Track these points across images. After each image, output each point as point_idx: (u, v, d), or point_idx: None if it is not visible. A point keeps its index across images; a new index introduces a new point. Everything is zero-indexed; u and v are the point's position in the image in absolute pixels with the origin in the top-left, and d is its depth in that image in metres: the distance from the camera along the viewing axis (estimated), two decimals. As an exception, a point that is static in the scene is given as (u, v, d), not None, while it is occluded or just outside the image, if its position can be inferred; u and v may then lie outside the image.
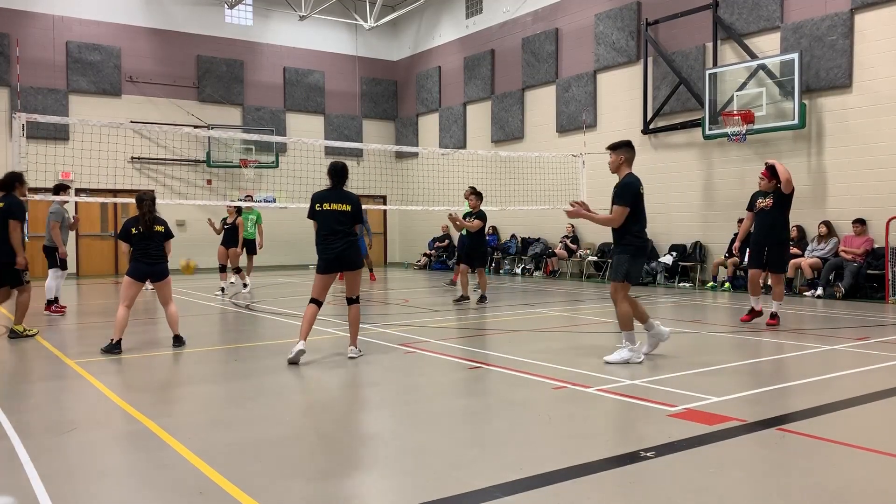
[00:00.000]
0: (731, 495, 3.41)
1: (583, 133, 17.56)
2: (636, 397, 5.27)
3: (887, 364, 6.47)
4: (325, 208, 7.01)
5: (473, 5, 21.66)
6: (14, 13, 18.79)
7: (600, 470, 3.76)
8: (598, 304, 11.96)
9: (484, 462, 3.94)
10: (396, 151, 23.70)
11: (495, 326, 9.01)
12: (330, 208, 7.00)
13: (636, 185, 6.74)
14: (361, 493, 3.55)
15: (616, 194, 6.79)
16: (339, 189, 7.15)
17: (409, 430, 4.61)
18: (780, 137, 13.88)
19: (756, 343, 7.96)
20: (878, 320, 9.69)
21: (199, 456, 4.00)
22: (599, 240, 17.46)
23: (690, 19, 15.39)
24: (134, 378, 6.44)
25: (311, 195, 7.23)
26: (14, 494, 3.46)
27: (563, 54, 18.64)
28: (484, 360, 6.80)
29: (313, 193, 7.25)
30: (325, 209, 7.01)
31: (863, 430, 4.49)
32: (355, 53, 24.17)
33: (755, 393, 5.45)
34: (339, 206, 7.01)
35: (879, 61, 12.65)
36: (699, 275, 15.16)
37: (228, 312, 11.31)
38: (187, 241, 20.66)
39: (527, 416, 4.91)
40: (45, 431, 4.58)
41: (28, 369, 6.85)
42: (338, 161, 7.38)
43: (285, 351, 7.80)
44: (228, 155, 21.35)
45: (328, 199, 7.05)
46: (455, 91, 22.29)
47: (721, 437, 4.29)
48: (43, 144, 17.42)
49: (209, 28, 21.64)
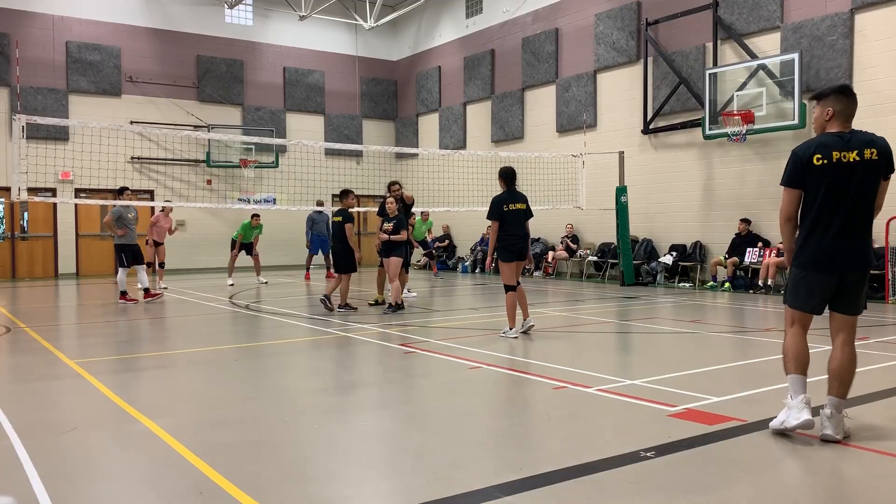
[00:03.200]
0: (731, 495, 3.41)
1: (583, 133, 17.55)
2: (636, 397, 5.27)
3: (887, 364, 6.48)
4: (511, 208, 8.29)
5: (473, 5, 21.66)
6: (14, 13, 18.78)
7: (600, 470, 3.76)
8: (598, 304, 11.97)
9: (484, 462, 3.94)
10: (396, 152, 23.68)
11: (495, 326, 9.01)
12: (514, 208, 8.31)
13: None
14: (361, 493, 3.55)
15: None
16: (514, 190, 8.48)
17: (409, 430, 4.61)
18: (781, 137, 13.87)
19: (756, 343, 7.96)
20: (878, 320, 9.69)
21: (199, 456, 4.00)
22: (599, 240, 17.46)
23: (690, 19, 15.38)
24: (134, 378, 6.44)
25: (493, 199, 8.42)
26: (14, 494, 3.45)
27: (563, 54, 18.64)
28: (484, 360, 6.79)
29: (495, 197, 8.43)
30: (511, 209, 8.30)
31: (863, 430, 4.48)
32: (355, 53, 24.17)
33: (755, 393, 5.45)
34: (520, 205, 8.37)
35: (879, 61, 12.65)
36: (699, 275, 15.16)
37: (228, 312, 11.30)
38: (187, 241, 20.71)
39: (527, 416, 4.91)
40: (45, 431, 4.58)
41: (28, 369, 6.84)
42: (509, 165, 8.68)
43: (285, 351, 7.81)
44: (228, 155, 21.34)
45: (511, 201, 8.34)
46: (455, 91, 22.29)
47: (721, 437, 4.28)
48: (43, 145, 17.42)
49: (209, 28, 21.64)
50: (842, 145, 4.20)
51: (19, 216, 19.11)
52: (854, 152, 4.17)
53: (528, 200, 8.53)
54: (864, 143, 4.20)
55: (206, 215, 21.14)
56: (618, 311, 11.16)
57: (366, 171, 22.85)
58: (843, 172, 4.17)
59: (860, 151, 4.17)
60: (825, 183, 4.19)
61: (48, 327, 9.80)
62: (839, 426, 4.19)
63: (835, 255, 4.23)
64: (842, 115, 4.29)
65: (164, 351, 7.64)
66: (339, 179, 20.89)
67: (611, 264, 16.78)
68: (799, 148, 4.33)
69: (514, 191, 8.46)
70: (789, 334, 4.41)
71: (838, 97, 4.30)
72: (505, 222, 8.30)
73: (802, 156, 4.26)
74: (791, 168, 4.31)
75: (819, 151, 4.21)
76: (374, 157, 23.92)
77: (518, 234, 8.33)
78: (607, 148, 16.85)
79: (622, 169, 15.70)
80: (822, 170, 4.19)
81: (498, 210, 8.30)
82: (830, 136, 4.26)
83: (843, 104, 4.29)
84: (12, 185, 10.98)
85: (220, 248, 19.80)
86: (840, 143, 4.21)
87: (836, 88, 4.36)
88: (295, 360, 7.38)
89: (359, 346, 7.95)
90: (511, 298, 8.29)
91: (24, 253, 19.27)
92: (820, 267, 4.26)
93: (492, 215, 8.37)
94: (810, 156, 4.23)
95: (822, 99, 4.37)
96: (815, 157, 4.21)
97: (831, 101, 4.31)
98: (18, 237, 19.14)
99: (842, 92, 4.32)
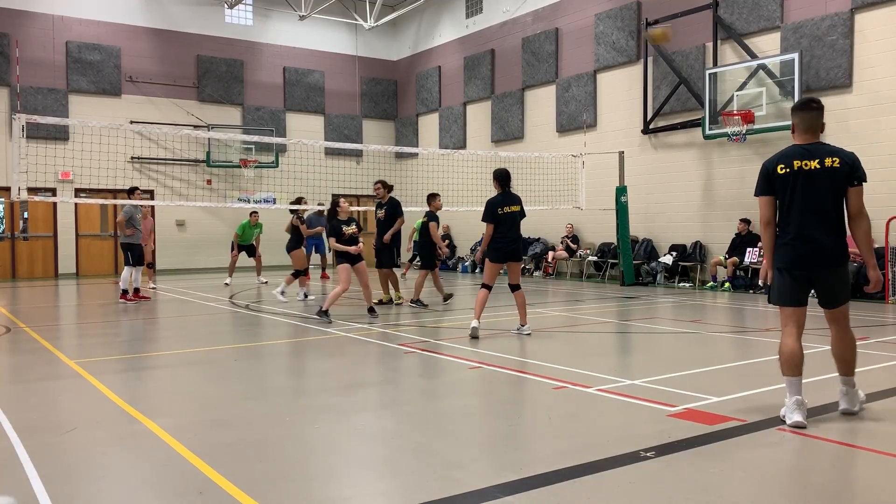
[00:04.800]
0: (731, 495, 3.41)
1: (583, 133, 17.55)
2: (636, 397, 5.27)
3: (887, 364, 6.48)
4: (505, 211, 8.32)
5: (473, 5, 21.66)
6: (14, 13, 18.78)
7: (600, 470, 3.76)
8: (598, 304, 11.97)
9: (484, 462, 3.94)
10: (396, 152, 23.68)
11: (495, 327, 9.02)
12: (509, 211, 8.34)
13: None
14: (361, 493, 3.55)
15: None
16: (509, 192, 8.48)
17: (409, 430, 4.61)
18: (781, 137, 13.85)
19: (756, 343, 7.96)
20: (878, 320, 9.69)
21: (199, 456, 4.00)
22: (599, 240, 17.46)
23: (690, 19, 15.38)
24: (134, 378, 6.44)
25: (487, 201, 8.44)
26: (14, 494, 3.45)
27: (563, 54, 18.64)
28: (484, 360, 6.79)
29: (489, 199, 8.45)
30: (505, 212, 8.32)
31: (863, 430, 4.49)
32: (355, 53, 24.16)
33: (755, 393, 5.45)
34: (515, 207, 8.39)
35: (879, 61, 12.65)
36: (699, 275, 15.16)
37: (228, 312, 11.30)
38: (187, 241, 20.72)
39: (527, 416, 4.91)
40: (45, 431, 4.58)
41: (28, 369, 6.84)
42: (503, 167, 8.62)
43: (285, 351, 7.82)
44: (228, 155, 21.35)
45: (506, 203, 8.35)
46: (455, 91, 22.29)
47: (721, 437, 4.29)
48: (43, 144, 17.42)
49: (209, 28, 21.63)
50: (804, 155, 4.59)
51: (19, 216, 19.11)
52: (815, 161, 4.54)
53: (522, 201, 8.58)
54: (827, 153, 4.58)
55: (206, 215, 21.15)
56: (618, 311, 11.16)
57: (366, 171, 22.85)
58: (804, 179, 4.54)
59: (821, 160, 4.53)
60: (788, 189, 4.59)
61: (48, 327, 9.80)
62: (854, 399, 4.71)
63: (802, 256, 4.58)
64: (802, 128, 4.68)
65: (164, 351, 7.65)
66: (339, 179, 20.93)
67: (611, 264, 16.78)
68: (767, 161, 4.76)
69: (509, 193, 8.49)
70: (783, 335, 4.69)
71: (798, 112, 4.71)
72: (499, 225, 8.33)
73: (768, 166, 4.70)
74: (760, 178, 4.74)
75: (781, 161, 4.64)
76: (374, 157, 23.92)
77: (511, 237, 8.37)
78: (607, 148, 16.85)
79: (622, 169, 15.70)
80: (784, 178, 4.60)
81: (492, 213, 8.34)
82: (794, 147, 4.68)
83: (801, 118, 4.68)
84: (12, 185, 10.98)
85: (219, 248, 19.84)
86: (802, 153, 4.60)
87: (799, 104, 4.77)
88: (295, 360, 7.38)
89: (359, 346, 7.95)
90: (483, 295, 8.36)
91: (24, 253, 19.27)
92: (791, 265, 4.62)
93: (486, 218, 8.39)
94: (774, 166, 4.66)
95: (792, 113, 4.78)
96: (778, 167, 4.64)
97: (794, 116, 4.73)
98: (18, 237, 19.13)
99: (802, 108, 4.72)
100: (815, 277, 4.60)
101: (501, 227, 8.31)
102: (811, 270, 4.58)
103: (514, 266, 8.50)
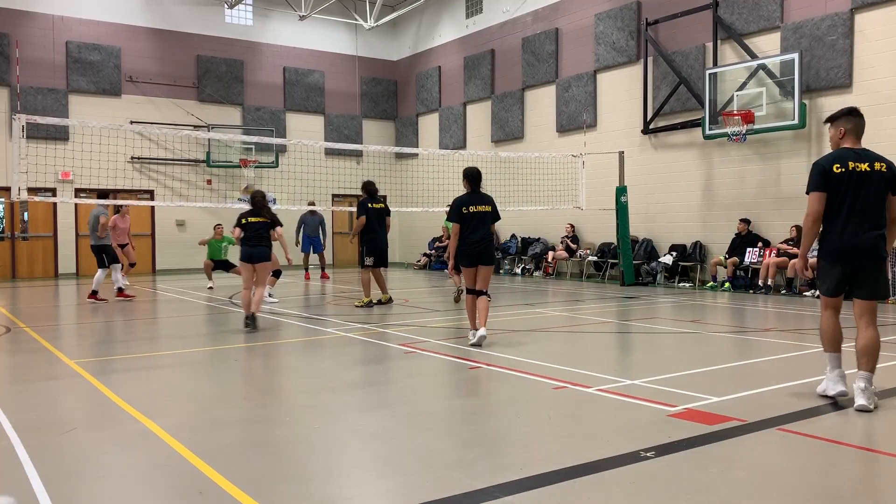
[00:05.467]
0: (732, 495, 3.41)
1: (583, 133, 17.55)
2: (636, 397, 5.27)
3: (887, 364, 6.47)
4: (472, 210, 7.78)
5: (473, 5, 21.66)
6: (14, 13, 18.78)
7: (600, 470, 3.76)
8: (598, 304, 11.97)
9: (484, 462, 3.94)
10: (396, 152, 23.68)
11: (495, 326, 9.01)
12: (477, 210, 7.79)
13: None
14: (361, 493, 3.55)
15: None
16: (478, 192, 7.98)
17: (409, 430, 4.61)
18: (780, 137, 13.88)
19: (756, 343, 7.96)
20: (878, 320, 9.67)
21: (199, 456, 4.00)
22: (599, 240, 17.46)
23: (690, 19, 15.39)
24: (134, 378, 6.44)
25: (454, 200, 7.96)
26: (14, 494, 3.45)
27: (563, 54, 18.64)
28: (484, 360, 6.79)
29: (456, 198, 7.96)
30: (471, 211, 7.78)
31: (863, 430, 4.49)
32: (355, 53, 24.17)
33: (755, 393, 5.45)
34: (484, 207, 7.84)
35: (879, 61, 12.65)
36: (699, 275, 15.16)
37: (228, 312, 11.30)
38: (187, 241, 20.70)
39: (527, 416, 4.91)
40: (45, 431, 4.58)
41: (28, 369, 6.85)
42: (474, 166, 8.12)
43: (285, 351, 7.82)
44: (228, 155, 21.34)
45: (473, 203, 7.82)
46: (455, 91, 22.29)
47: (721, 437, 4.29)
48: (43, 144, 17.41)
49: (209, 28, 21.63)
50: (855, 157, 5.00)
51: (19, 217, 19.11)
52: (866, 164, 4.98)
53: (495, 203, 8.04)
54: (875, 157, 5.04)
55: (206, 215, 21.11)
56: (618, 311, 11.16)
57: (366, 171, 22.84)
58: (856, 179, 4.94)
59: (871, 164, 4.98)
60: (842, 187, 4.94)
61: (48, 327, 9.80)
62: (871, 397, 4.82)
63: (848, 248, 4.97)
64: (853, 133, 5.12)
65: (164, 351, 7.65)
66: (339, 179, 20.94)
67: (611, 264, 16.78)
68: (821, 160, 5.10)
69: (479, 192, 7.99)
70: (823, 317, 5.20)
71: (849, 118, 5.12)
72: (466, 224, 7.77)
73: (825, 165, 5.03)
74: (816, 176, 5.05)
75: (837, 161, 5.00)
76: (374, 157, 23.92)
77: (477, 239, 7.76)
78: (607, 148, 16.85)
79: (622, 169, 15.70)
80: (840, 177, 4.96)
81: (458, 212, 7.81)
82: (846, 149, 5.07)
83: (853, 123, 5.12)
84: (12, 185, 10.98)
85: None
86: (854, 155, 5.01)
87: (847, 111, 5.17)
88: (295, 360, 7.38)
89: (359, 346, 7.95)
90: (471, 301, 7.86)
91: (24, 253, 19.27)
92: (836, 258, 5.03)
93: (452, 217, 7.88)
94: (830, 165, 5.00)
95: (835, 121, 5.19)
96: (834, 166, 4.98)
97: (843, 121, 5.13)
98: (18, 237, 19.14)
99: (851, 113, 5.13)
100: (858, 271, 5.00)
101: (467, 228, 7.76)
102: (857, 263, 4.98)
103: (485, 271, 7.86)
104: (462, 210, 7.79)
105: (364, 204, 11.44)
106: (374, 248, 11.41)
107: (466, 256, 7.81)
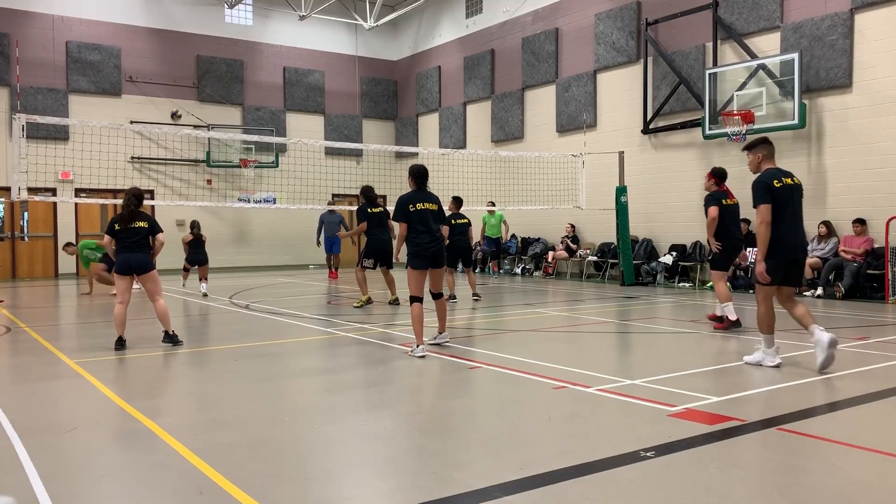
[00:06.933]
0: (731, 495, 3.41)
1: (583, 133, 17.55)
2: (636, 397, 5.27)
3: (887, 364, 6.48)
4: (417, 208, 7.45)
5: (473, 5, 21.66)
6: (14, 13, 18.78)
7: (600, 470, 3.76)
8: (598, 304, 11.96)
9: (484, 462, 3.94)
10: (396, 151, 23.68)
11: (495, 326, 9.01)
12: (423, 207, 7.47)
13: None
14: (361, 493, 3.55)
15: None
16: (425, 190, 7.72)
17: (410, 430, 4.61)
18: (780, 137, 13.85)
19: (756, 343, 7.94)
20: (878, 320, 9.69)
21: (199, 456, 4.00)
22: (599, 240, 17.46)
23: (690, 19, 15.38)
24: (134, 378, 6.44)
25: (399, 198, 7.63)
26: (14, 494, 3.45)
27: (563, 54, 18.64)
28: (484, 360, 6.79)
29: (401, 196, 7.64)
30: (418, 209, 7.45)
31: (863, 430, 4.49)
32: (355, 53, 24.16)
33: (755, 393, 5.45)
34: (430, 205, 7.55)
35: (879, 61, 12.64)
36: (699, 275, 15.15)
37: (228, 312, 11.30)
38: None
39: (527, 416, 4.91)
40: (45, 431, 4.58)
41: (28, 369, 6.85)
42: (421, 164, 7.86)
43: (285, 351, 7.81)
44: (228, 155, 21.35)
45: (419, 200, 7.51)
46: (455, 91, 22.28)
47: (721, 437, 4.29)
48: (43, 144, 17.42)
49: (209, 28, 21.63)
50: (783, 174, 6.30)
51: (19, 217, 19.10)
52: (790, 178, 6.31)
53: (441, 203, 7.74)
54: (790, 174, 6.37)
55: (206, 215, 21.09)
56: (618, 311, 11.15)
57: (366, 171, 22.85)
58: (789, 190, 6.22)
59: (792, 178, 6.34)
60: (784, 197, 6.15)
61: (48, 327, 9.80)
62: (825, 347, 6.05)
63: (792, 245, 6.19)
64: (769, 157, 6.44)
65: (164, 351, 7.64)
66: (339, 179, 20.93)
67: (611, 264, 16.78)
68: (762, 177, 6.26)
69: (425, 190, 7.67)
70: (764, 306, 6.30)
71: (765, 145, 6.47)
72: (412, 223, 7.43)
73: (767, 181, 6.20)
74: (762, 191, 6.16)
75: (775, 178, 6.22)
76: (374, 157, 23.92)
77: (427, 239, 7.40)
78: (607, 148, 16.85)
79: (622, 169, 15.70)
80: (780, 190, 6.17)
81: (403, 210, 7.44)
82: (775, 169, 6.35)
83: (768, 150, 6.45)
84: (12, 185, 10.99)
85: (219, 248, 19.80)
86: (782, 173, 6.31)
87: (762, 140, 6.55)
88: (295, 360, 7.38)
89: (359, 346, 7.95)
90: (417, 310, 7.26)
91: (24, 253, 19.27)
92: (785, 254, 6.17)
93: (397, 216, 7.54)
94: (771, 181, 6.19)
95: (753, 148, 6.51)
96: (774, 182, 6.19)
97: (760, 148, 6.46)
98: (18, 237, 19.13)
99: (765, 141, 6.51)
100: (796, 263, 6.26)
101: (415, 227, 7.41)
102: (796, 256, 6.24)
103: (436, 273, 7.60)
104: (409, 207, 7.43)
105: (363, 209, 11.54)
106: (372, 249, 11.50)
107: (417, 258, 7.39)
